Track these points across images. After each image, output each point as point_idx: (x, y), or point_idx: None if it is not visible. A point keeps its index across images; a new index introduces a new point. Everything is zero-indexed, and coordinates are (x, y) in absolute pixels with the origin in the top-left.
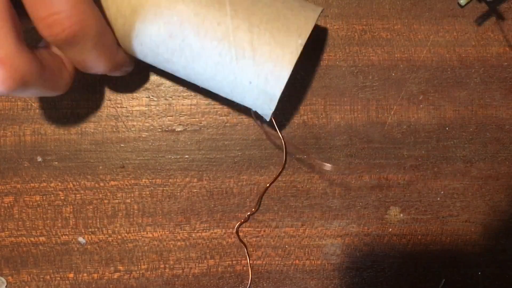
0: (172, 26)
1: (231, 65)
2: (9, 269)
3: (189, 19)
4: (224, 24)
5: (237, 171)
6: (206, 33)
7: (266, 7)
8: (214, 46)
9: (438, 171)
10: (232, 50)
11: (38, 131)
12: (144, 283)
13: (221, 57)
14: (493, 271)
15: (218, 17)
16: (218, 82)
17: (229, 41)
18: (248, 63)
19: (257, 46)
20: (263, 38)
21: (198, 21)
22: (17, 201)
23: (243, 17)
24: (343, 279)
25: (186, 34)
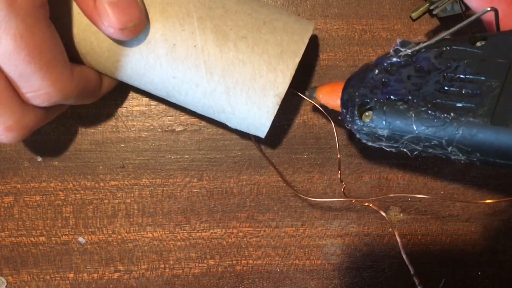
0: (156, 85)
1: (215, 115)
2: (9, 269)
3: (169, 80)
4: (201, 86)
5: (237, 171)
6: (187, 93)
7: (242, 65)
8: (197, 101)
9: (438, 171)
10: (213, 108)
11: (38, 131)
12: (144, 283)
13: (204, 109)
14: (493, 271)
15: (195, 79)
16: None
17: (209, 100)
18: (229, 117)
19: (234, 105)
20: (239, 99)
21: (177, 82)
22: (17, 201)
23: (219, 80)
24: (343, 279)
25: (170, 91)
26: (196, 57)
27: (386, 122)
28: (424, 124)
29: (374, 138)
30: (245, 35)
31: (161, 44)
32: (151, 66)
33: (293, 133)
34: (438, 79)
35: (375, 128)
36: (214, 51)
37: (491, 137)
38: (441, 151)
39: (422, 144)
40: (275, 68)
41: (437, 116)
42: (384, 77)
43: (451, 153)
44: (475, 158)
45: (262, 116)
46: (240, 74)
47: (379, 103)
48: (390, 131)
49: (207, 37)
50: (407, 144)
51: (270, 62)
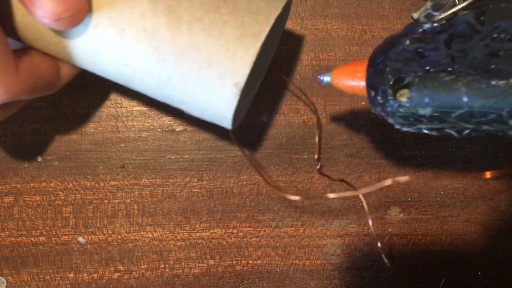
0: (111, 73)
1: (178, 106)
2: (9, 269)
3: (121, 68)
4: (155, 74)
5: (237, 171)
6: (142, 82)
7: (197, 51)
8: (154, 91)
9: (438, 171)
10: (172, 98)
11: (38, 131)
12: (144, 283)
13: (165, 99)
14: (493, 271)
15: (148, 67)
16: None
17: (166, 90)
18: (190, 108)
19: (192, 95)
20: (196, 89)
21: (130, 70)
22: (17, 201)
23: (172, 68)
24: (343, 279)
25: (125, 79)
26: (147, 43)
27: (429, 98)
28: (479, 95)
29: (413, 121)
30: (201, 16)
31: (109, 29)
32: (101, 53)
33: (293, 133)
34: (486, 43)
35: (415, 107)
36: (165, 35)
37: None
38: (498, 126)
39: (475, 121)
40: (233, 54)
41: (493, 84)
42: (419, 47)
43: (510, 128)
44: None
45: (222, 108)
46: (195, 61)
47: (418, 77)
48: (435, 109)
49: (158, 20)
50: (455, 123)
51: (228, 47)
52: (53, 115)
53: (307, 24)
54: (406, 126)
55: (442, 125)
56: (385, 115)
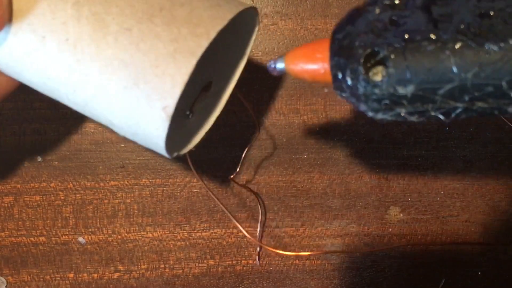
0: (38, 87)
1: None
2: (9, 269)
3: (45, 82)
4: (79, 91)
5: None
6: (68, 98)
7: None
8: (82, 109)
9: (438, 171)
10: (100, 119)
11: (38, 131)
12: (144, 283)
13: (96, 119)
14: (493, 271)
15: (71, 83)
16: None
17: (92, 109)
18: (121, 131)
19: (120, 118)
20: (123, 111)
21: (54, 85)
22: (17, 201)
23: (96, 85)
24: (343, 279)
25: (53, 94)
26: (69, 54)
27: (410, 73)
28: (473, 64)
29: (391, 104)
30: (131, 26)
31: (28, 36)
32: (23, 63)
33: (293, 133)
34: (473, 3)
35: (394, 86)
36: (89, 47)
37: None
38: (495, 101)
39: (468, 97)
40: (163, 72)
41: (488, 49)
42: (392, 14)
43: (510, 102)
44: None
45: (152, 135)
46: (120, 78)
47: (395, 49)
48: (418, 86)
49: (82, 28)
50: (443, 103)
51: (158, 63)
52: (53, 115)
53: (307, 24)
54: (381, 113)
55: (426, 107)
56: (356, 100)
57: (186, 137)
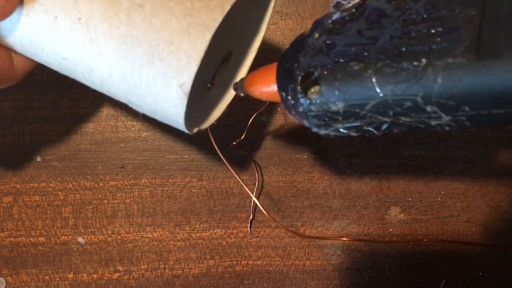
0: (54, 67)
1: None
2: (8, 269)
3: (61, 62)
4: (95, 70)
5: (236, 171)
6: (85, 77)
7: (137, 44)
8: (99, 88)
9: (438, 171)
10: (118, 97)
11: (38, 131)
12: (144, 283)
13: (114, 97)
14: (494, 271)
15: (87, 62)
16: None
17: (110, 88)
18: (140, 109)
19: (138, 96)
20: (140, 89)
21: (70, 65)
22: (17, 201)
23: (111, 63)
24: (344, 280)
25: (69, 74)
26: (82, 34)
27: (339, 91)
28: (390, 81)
29: (328, 120)
30: (143, 2)
31: (41, 17)
32: (37, 44)
33: (293, 133)
34: (397, 27)
35: (327, 103)
36: (102, 25)
37: (481, 78)
38: (417, 116)
39: (392, 112)
40: (177, 49)
41: (405, 67)
42: (328, 38)
43: (431, 116)
44: (463, 116)
45: (170, 112)
46: (135, 56)
47: (327, 69)
48: (347, 103)
49: (94, 6)
50: (372, 118)
51: (172, 40)
52: (53, 115)
53: (307, 24)
54: (323, 128)
55: (359, 122)
56: (300, 117)
57: (207, 110)
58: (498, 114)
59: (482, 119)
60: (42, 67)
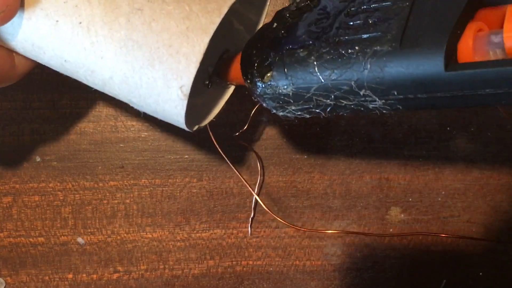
0: (57, 68)
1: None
2: (7, 269)
3: (63, 65)
4: (97, 72)
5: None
6: (87, 79)
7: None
8: (101, 89)
9: (439, 171)
10: (120, 97)
11: (37, 131)
12: (144, 283)
13: (116, 97)
14: (495, 271)
15: (88, 65)
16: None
17: (111, 89)
18: (141, 109)
19: (139, 97)
20: (141, 90)
21: (71, 67)
22: (16, 201)
23: (112, 66)
24: (344, 280)
25: (72, 75)
26: (84, 37)
27: (287, 76)
28: (328, 67)
29: (281, 102)
30: (142, 6)
31: (42, 21)
32: (39, 47)
33: (293, 133)
34: (342, 18)
35: (277, 86)
36: (102, 29)
37: (403, 65)
38: (354, 99)
39: (333, 96)
40: (177, 52)
41: (341, 54)
42: (283, 28)
43: (366, 100)
44: (393, 100)
45: (171, 112)
46: (135, 59)
47: (278, 55)
48: (294, 86)
49: (94, 11)
50: (317, 100)
51: (171, 43)
52: (52, 115)
53: None
54: (279, 110)
55: (307, 105)
56: (259, 99)
57: (206, 107)
58: (424, 98)
59: (410, 103)
60: (42, 66)
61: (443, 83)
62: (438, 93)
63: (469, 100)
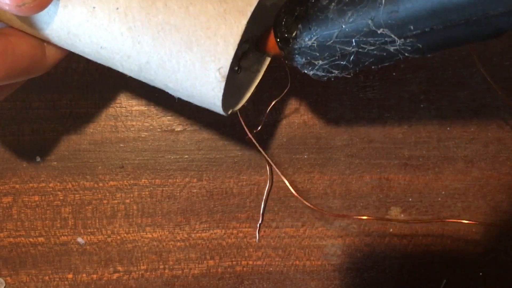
0: (91, 56)
1: (168, 91)
2: (7, 269)
3: (98, 52)
4: (133, 57)
5: (237, 171)
6: (123, 65)
7: (175, 31)
8: (137, 75)
9: (439, 171)
10: (155, 83)
11: (37, 131)
12: (144, 283)
13: (151, 83)
14: (495, 272)
15: (124, 50)
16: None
17: (147, 74)
18: (177, 94)
19: (175, 81)
20: (178, 74)
21: (107, 54)
22: (16, 201)
23: (150, 50)
24: (344, 280)
25: (106, 62)
26: (120, 23)
27: (311, 27)
28: (347, 9)
29: (309, 58)
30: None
31: (78, 9)
32: (75, 34)
33: (293, 133)
34: None
35: (303, 39)
36: (139, 14)
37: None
38: (375, 42)
39: (354, 41)
40: (215, 34)
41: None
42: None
43: (386, 41)
44: (412, 38)
45: (208, 95)
46: (173, 42)
47: (303, 9)
48: (318, 36)
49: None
50: (341, 50)
51: (209, 25)
52: (52, 115)
53: None
54: (309, 68)
55: (333, 56)
56: (289, 59)
57: (236, 93)
58: (440, 31)
59: (429, 39)
60: None
61: (455, 8)
62: (453, 20)
63: (484, 27)
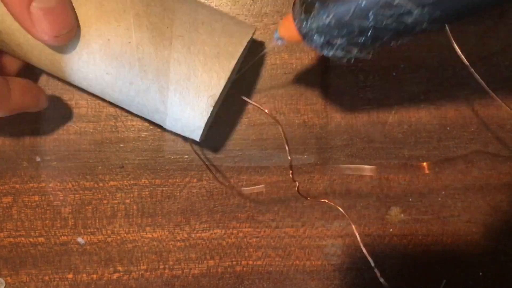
0: (90, 81)
1: (149, 115)
2: (7, 269)
3: (103, 77)
4: (135, 84)
5: (237, 171)
6: (121, 90)
7: (177, 64)
8: (131, 99)
9: (439, 171)
10: (147, 107)
11: (37, 131)
12: (144, 283)
13: (138, 108)
14: (495, 271)
15: (129, 77)
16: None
17: (143, 99)
18: (163, 117)
19: (168, 105)
20: (173, 99)
21: (111, 79)
22: (16, 201)
23: (153, 78)
24: (344, 280)
25: (104, 87)
26: (131, 54)
27: (328, 4)
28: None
29: (327, 36)
30: (182, 34)
31: (95, 39)
32: (85, 61)
33: (293, 133)
34: None
35: (321, 17)
36: (148, 48)
37: None
38: (391, 14)
39: (371, 15)
40: (210, 69)
41: None
42: None
43: (403, 11)
44: (429, 6)
45: (195, 118)
46: (174, 73)
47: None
48: (335, 13)
49: (143, 34)
50: (359, 26)
51: (206, 62)
52: (52, 115)
53: None
54: (328, 48)
55: (351, 34)
56: (307, 41)
57: (206, 126)
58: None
59: (446, 6)
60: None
61: None
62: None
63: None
